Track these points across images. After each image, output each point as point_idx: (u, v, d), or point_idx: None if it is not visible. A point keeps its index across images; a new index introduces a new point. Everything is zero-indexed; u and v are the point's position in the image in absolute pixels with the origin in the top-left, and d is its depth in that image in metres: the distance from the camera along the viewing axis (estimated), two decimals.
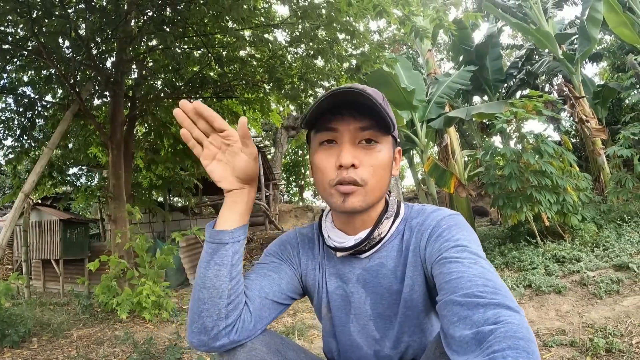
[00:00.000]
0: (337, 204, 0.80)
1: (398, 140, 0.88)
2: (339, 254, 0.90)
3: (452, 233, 0.78)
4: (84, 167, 7.54)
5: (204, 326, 0.76)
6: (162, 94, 6.33)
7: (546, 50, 8.18)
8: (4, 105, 6.21)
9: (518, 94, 10.59)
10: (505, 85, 10.12)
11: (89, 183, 7.84)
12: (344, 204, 0.79)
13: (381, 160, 0.81)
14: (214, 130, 0.78)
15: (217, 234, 0.79)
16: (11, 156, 6.24)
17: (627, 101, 8.81)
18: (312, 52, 5.17)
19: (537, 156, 4.58)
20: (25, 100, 6.08)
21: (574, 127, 8.38)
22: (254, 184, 0.83)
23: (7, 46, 5.07)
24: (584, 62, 9.16)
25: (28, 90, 6.26)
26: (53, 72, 5.76)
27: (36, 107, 6.19)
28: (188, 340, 0.79)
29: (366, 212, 0.84)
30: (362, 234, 0.86)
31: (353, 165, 0.78)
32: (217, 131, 0.78)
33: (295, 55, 5.79)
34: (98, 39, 5.29)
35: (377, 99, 0.77)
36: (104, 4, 5.15)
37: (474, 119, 7.87)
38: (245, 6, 4.36)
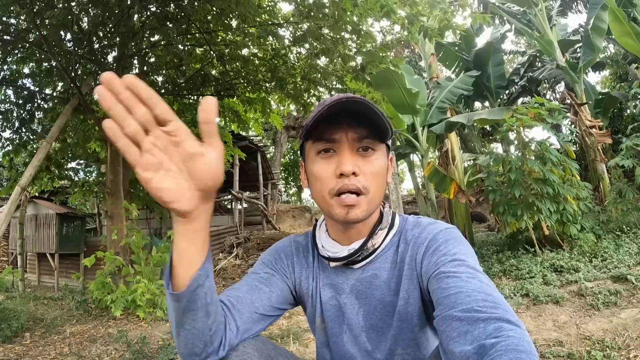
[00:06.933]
0: (340, 215, 0.79)
1: (391, 146, 0.88)
2: (332, 264, 0.89)
3: (449, 247, 0.77)
4: (82, 162, 7.49)
5: (193, 352, 0.74)
6: (163, 91, 6.30)
7: (549, 58, 8.17)
8: (3, 97, 6.17)
9: (519, 100, 10.56)
10: (507, 91, 10.09)
11: (87, 178, 7.79)
12: (347, 216, 0.78)
13: (378, 168, 0.80)
14: (157, 122, 0.54)
15: (190, 289, 0.65)
16: (9, 148, 6.21)
17: (628, 111, 8.80)
18: (316, 52, 5.15)
19: (538, 162, 4.57)
20: (25, 92, 6.06)
21: (575, 135, 8.37)
22: (214, 195, 0.62)
23: (8, 37, 5.04)
24: (586, 70, 9.13)
25: (28, 82, 6.24)
26: (54, 65, 5.73)
27: (36, 100, 6.17)
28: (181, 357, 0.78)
29: (362, 221, 0.83)
30: (356, 245, 0.85)
31: (354, 174, 0.77)
32: (160, 124, 0.54)
33: (298, 55, 5.76)
34: (100, 33, 5.27)
35: (376, 106, 0.76)
36: None
37: (475, 125, 7.85)
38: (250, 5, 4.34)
